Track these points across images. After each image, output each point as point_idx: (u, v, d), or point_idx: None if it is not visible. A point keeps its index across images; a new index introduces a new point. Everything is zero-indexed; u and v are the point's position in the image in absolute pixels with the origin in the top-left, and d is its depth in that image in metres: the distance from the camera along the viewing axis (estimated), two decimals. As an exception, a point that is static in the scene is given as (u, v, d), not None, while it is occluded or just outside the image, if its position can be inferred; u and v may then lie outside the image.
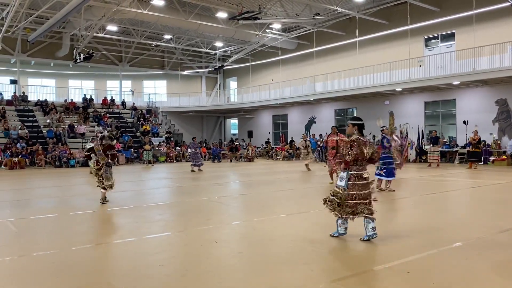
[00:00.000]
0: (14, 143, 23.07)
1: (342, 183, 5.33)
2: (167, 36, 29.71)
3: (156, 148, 26.10)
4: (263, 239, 5.62)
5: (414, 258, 4.64)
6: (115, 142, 9.57)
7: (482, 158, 18.66)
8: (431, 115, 23.59)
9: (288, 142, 29.25)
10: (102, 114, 30.12)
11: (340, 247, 5.21)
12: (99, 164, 8.79)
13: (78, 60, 23.53)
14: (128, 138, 27.40)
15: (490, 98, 20.48)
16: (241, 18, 21.69)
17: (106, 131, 11.64)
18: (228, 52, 33.47)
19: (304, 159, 18.07)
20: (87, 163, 21.30)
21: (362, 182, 5.32)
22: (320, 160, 20.46)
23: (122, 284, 3.99)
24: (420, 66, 22.17)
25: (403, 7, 22.42)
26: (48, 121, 27.30)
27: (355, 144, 5.32)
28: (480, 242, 5.35)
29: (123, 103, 32.96)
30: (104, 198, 8.90)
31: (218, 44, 31.40)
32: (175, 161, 26.49)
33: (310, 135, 25.25)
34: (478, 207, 8.54)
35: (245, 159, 26.51)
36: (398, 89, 22.85)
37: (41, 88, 31.92)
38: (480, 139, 17.79)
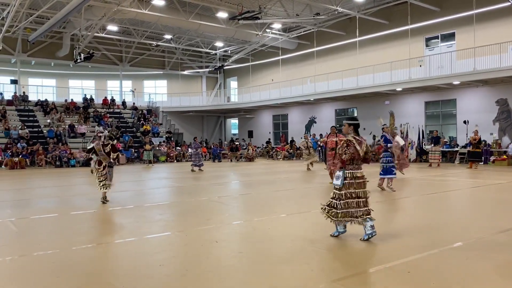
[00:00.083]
0: (15, 143, 23.08)
1: (338, 182, 5.37)
2: (168, 36, 29.72)
3: (157, 148, 26.11)
4: (263, 239, 5.63)
5: (415, 258, 4.64)
6: (115, 142, 9.60)
7: (483, 158, 18.65)
8: (431, 115, 23.58)
9: (289, 142, 29.25)
10: (103, 114, 30.12)
11: (340, 247, 5.21)
12: (102, 164, 8.81)
13: (79, 60, 23.51)
14: (128, 138, 27.41)
15: (490, 98, 20.47)
16: (241, 18, 21.70)
17: (107, 131, 11.65)
18: (229, 52, 33.47)
19: (306, 159, 17.97)
20: (87, 163, 21.39)
21: (358, 181, 5.37)
22: (321, 160, 20.43)
23: (123, 284, 3.99)
24: (420, 66, 22.16)
25: (404, 7, 22.41)
26: (48, 121, 27.32)
27: (351, 143, 5.36)
28: (480, 242, 5.35)
29: (123, 103, 32.97)
30: (104, 198, 8.91)
31: (219, 44, 31.41)
32: (175, 161, 26.50)
33: (310, 135, 25.22)
34: (479, 207, 8.54)
35: (245, 159, 26.51)
36: (399, 89, 22.84)
37: (41, 88, 31.94)
38: (481, 139, 17.78)
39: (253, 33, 26.75)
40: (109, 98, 32.61)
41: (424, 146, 21.50)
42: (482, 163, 18.64)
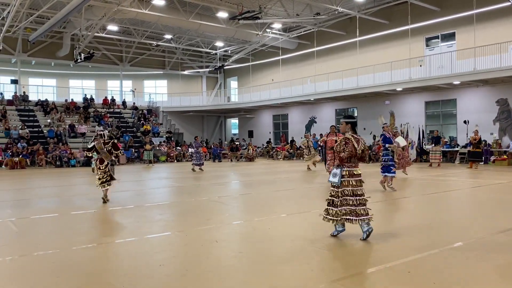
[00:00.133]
0: (15, 143, 23.09)
1: (336, 179, 5.39)
2: (168, 36, 29.72)
3: (157, 148, 26.12)
4: (263, 239, 5.63)
5: (415, 258, 4.64)
6: (115, 141, 9.62)
7: (483, 158, 18.65)
8: (431, 114, 23.58)
9: (289, 142, 29.25)
10: (103, 114, 30.13)
11: (340, 246, 5.21)
12: (103, 162, 8.83)
13: (79, 60, 23.52)
14: (128, 138, 27.42)
15: (490, 98, 20.47)
16: (241, 18, 21.70)
17: (107, 131, 11.67)
18: (229, 52, 33.47)
19: (307, 159, 17.87)
20: (87, 163, 21.43)
21: (355, 178, 5.39)
22: (322, 159, 20.40)
23: (123, 284, 3.99)
24: (421, 66, 22.15)
25: (404, 6, 22.41)
26: (48, 121, 27.33)
27: (349, 141, 5.38)
28: (480, 242, 5.35)
29: (123, 103, 32.98)
30: (106, 196, 8.94)
31: (219, 44, 31.41)
32: (175, 161, 26.51)
33: (311, 135, 25.18)
34: (479, 207, 8.54)
35: (245, 159, 26.51)
36: (399, 88, 22.83)
37: (41, 88, 31.96)
38: (481, 138, 17.78)
39: (253, 33, 26.75)
40: (109, 98, 32.62)
41: (424, 146, 21.50)
42: (483, 163, 18.63)
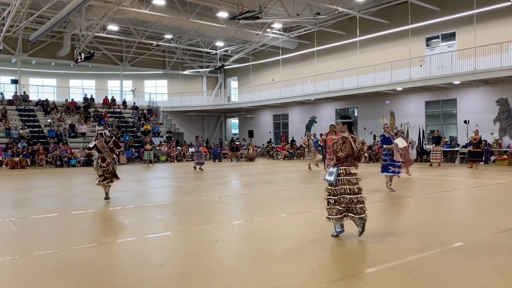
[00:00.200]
0: (15, 142, 23.10)
1: (331, 178, 5.42)
2: (168, 36, 29.73)
3: (157, 148, 26.12)
4: (263, 239, 5.62)
5: (415, 258, 4.64)
6: (115, 140, 9.64)
7: (483, 157, 18.65)
8: (432, 114, 23.57)
9: (289, 142, 29.24)
10: (103, 113, 30.14)
11: (341, 246, 5.21)
12: (105, 160, 8.85)
13: (79, 60, 23.53)
14: (129, 137, 27.42)
15: (491, 98, 20.46)
16: (241, 18, 21.70)
17: (107, 131, 11.68)
18: (229, 51, 33.47)
19: (309, 159, 17.78)
20: (88, 163, 21.43)
21: (351, 177, 5.42)
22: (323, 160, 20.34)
23: (123, 284, 3.99)
24: (421, 66, 22.15)
25: (404, 6, 22.41)
26: (49, 120, 27.34)
27: (347, 140, 5.39)
28: (481, 242, 5.35)
29: (124, 102, 32.99)
30: (107, 193, 8.98)
31: (219, 43, 31.41)
32: (176, 160, 26.51)
33: (311, 135, 25.14)
34: (479, 207, 8.53)
35: (245, 159, 26.51)
36: (399, 88, 22.83)
37: (42, 87, 31.97)
38: (481, 138, 17.78)
39: (253, 32, 26.74)
40: (109, 98, 32.63)
41: (424, 146, 21.49)
42: (483, 163, 18.63)
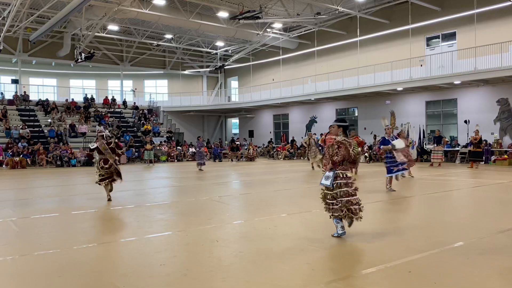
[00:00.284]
0: (16, 142, 23.11)
1: (328, 182, 5.46)
2: (168, 36, 29.73)
3: (157, 148, 26.12)
4: (264, 239, 5.63)
5: (416, 258, 4.64)
6: (116, 141, 9.66)
7: (484, 157, 18.65)
8: (432, 114, 23.56)
9: (289, 142, 29.24)
10: (103, 113, 30.14)
11: (341, 246, 5.21)
12: (108, 162, 8.86)
13: (79, 60, 23.53)
14: (129, 137, 27.42)
15: (491, 98, 20.46)
16: (242, 18, 21.70)
17: (107, 131, 11.68)
18: (229, 51, 33.47)
19: (312, 158, 17.71)
20: (88, 163, 21.42)
21: (347, 181, 5.47)
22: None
23: (123, 283, 3.99)
24: (421, 66, 22.14)
25: (404, 6, 22.39)
26: (49, 120, 27.35)
27: (342, 145, 5.40)
28: (481, 242, 5.35)
29: (124, 102, 33.00)
30: (110, 190, 9.06)
31: (219, 43, 31.40)
32: (176, 160, 26.52)
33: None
34: (480, 206, 8.53)
35: (246, 159, 26.51)
36: (399, 88, 22.82)
37: (42, 87, 31.97)
38: (481, 138, 17.78)
39: (253, 32, 26.74)
40: (110, 97, 32.63)
41: (425, 146, 21.49)
42: (483, 162, 18.62)
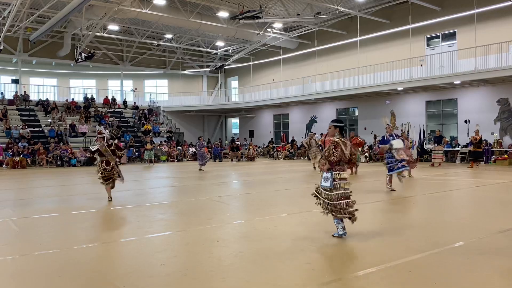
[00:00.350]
0: (16, 142, 23.12)
1: (327, 184, 5.46)
2: (168, 36, 29.73)
3: (158, 148, 26.13)
4: (264, 238, 5.63)
5: (416, 258, 4.64)
6: (116, 141, 9.66)
7: (484, 157, 18.64)
8: (432, 114, 23.56)
9: (289, 142, 29.23)
10: (104, 113, 30.15)
11: (341, 246, 5.21)
12: (110, 164, 8.87)
13: (80, 60, 23.53)
14: (129, 137, 27.43)
15: (491, 98, 20.45)
16: (242, 18, 21.71)
17: (108, 131, 11.69)
18: (229, 51, 33.47)
19: (313, 158, 17.70)
20: (88, 163, 21.43)
21: (344, 181, 5.47)
22: None
23: (124, 283, 3.99)
24: (421, 66, 22.14)
25: (405, 6, 22.39)
26: (49, 120, 27.35)
27: (338, 145, 5.41)
28: (481, 242, 5.35)
29: (124, 102, 33.01)
30: (112, 188, 9.09)
31: (219, 43, 31.40)
32: (176, 160, 26.52)
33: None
34: (480, 206, 8.53)
35: (246, 159, 26.51)
36: (400, 88, 22.82)
37: (42, 87, 31.98)
38: (482, 138, 17.78)
39: (254, 32, 26.74)
40: (110, 97, 32.64)
41: (425, 146, 21.48)
42: (483, 162, 18.62)
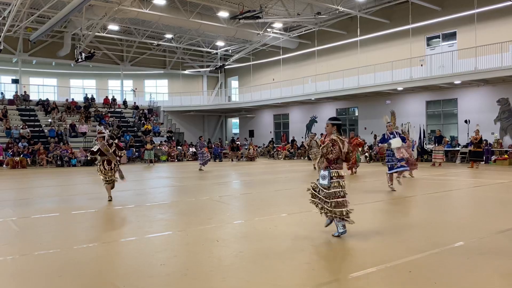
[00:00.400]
0: (16, 142, 23.12)
1: (325, 182, 5.45)
2: (169, 36, 29.74)
3: (158, 148, 26.13)
4: (264, 238, 5.63)
5: (416, 258, 4.64)
6: (116, 141, 9.66)
7: (484, 157, 18.64)
8: (432, 114, 23.56)
9: (290, 142, 29.23)
10: (104, 113, 30.16)
11: (341, 246, 5.21)
12: (111, 163, 8.88)
13: (80, 60, 23.53)
14: (129, 137, 27.43)
15: (491, 98, 20.45)
16: (242, 18, 21.71)
17: (108, 131, 11.69)
18: (229, 51, 33.47)
19: (314, 159, 17.71)
20: (88, 163, 21.43)
21: (341, 180, 5.48)
22: None
23: (124, 283, 3.99)
24: (422, 65, 22.14)
25: (405, 6, 22.39)
26: (49, 120, 27.36)
27: (336, 142, 5.41)
28: (481, 241, 5.35)
29: (124, 102, 33.01)
30: (112, 186, 9.10)
31: (220, 43, 31.40)
32: (176, 160, 26.52)
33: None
34: (480, 206, 8.53)
35: (246, 159, 26.51)
36: (400, 88, 22.82)
37: (42, 87, 31.99)
38: (482, 138, 17.78)
39: (254, 32, 26.74)
40: (110, 97, 32.65)
41: (425, 146, 21.48)
42: (484, 162, 18.62)
